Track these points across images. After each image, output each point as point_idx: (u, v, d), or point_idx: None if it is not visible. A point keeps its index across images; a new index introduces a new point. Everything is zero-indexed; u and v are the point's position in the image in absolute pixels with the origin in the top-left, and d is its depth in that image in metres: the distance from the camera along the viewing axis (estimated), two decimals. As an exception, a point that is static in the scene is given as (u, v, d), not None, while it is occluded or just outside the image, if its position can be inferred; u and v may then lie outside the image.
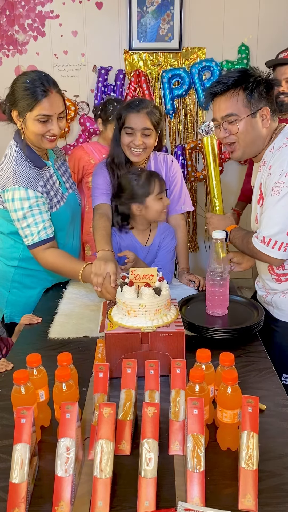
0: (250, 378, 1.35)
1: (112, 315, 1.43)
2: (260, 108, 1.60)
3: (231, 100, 1.60)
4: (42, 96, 1.71)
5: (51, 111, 1.73)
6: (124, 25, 3.24)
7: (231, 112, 1.60)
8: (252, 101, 1.59)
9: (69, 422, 0.97)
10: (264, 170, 1.63)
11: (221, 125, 1.64)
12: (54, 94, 1.75)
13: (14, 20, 3.22)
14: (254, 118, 1.60)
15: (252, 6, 3.24)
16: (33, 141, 1.81)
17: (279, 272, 1.69)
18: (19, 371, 1.09)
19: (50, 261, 1.84)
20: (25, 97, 1.72)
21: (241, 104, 1.59)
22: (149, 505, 0.91)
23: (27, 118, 1.75)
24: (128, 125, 1.94)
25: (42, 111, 1.72)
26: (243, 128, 1.61)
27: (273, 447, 1.09)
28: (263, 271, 1.77)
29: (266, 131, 1.63)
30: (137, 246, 2.01)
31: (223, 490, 0.98)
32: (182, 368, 1.20)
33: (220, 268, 1.62)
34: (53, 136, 1.79)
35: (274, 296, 1.74)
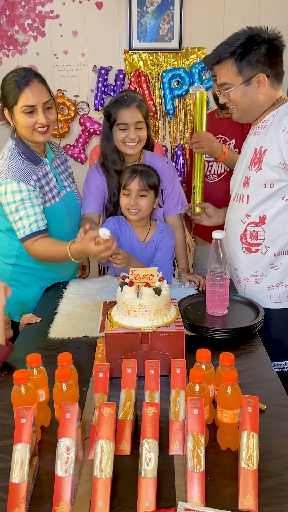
0: (250, 378, 1.35)
1: (112, 315, 1.43)
2: (255, 74, 1.62)
3: (224, 70, 1.65)
4: (24, 85, 1.74)
5: (34, 101, 1.75)
6: (124, 25, 3.24)
7: (225, 81, 1.66)
8: (243, 69, 1.62)
9: (69, 422, 0.97)
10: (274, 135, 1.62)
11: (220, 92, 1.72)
12: (35, 84, 1.77)
13: (14, 20, 3.22)
14: (249, 86, 1.64)
15: (252, 6, 3.23)
16: (25, 136, 1.82)
17: (251, 241, 1.73)
18: (19, 371, 1.09)
19: (40, 251, 1.82)
20: (10, 92, 1.76)
21: (232, 73, 1.63)
22: (149, 505, 0.91)
23: (15, 112, 1.78)
24: (121, 121, 1.95)
25: (25, 101, 1.75)
26: (235, 96, 1.66)
27: (273, 447, 1.09)
28: (234, 240, 1.78)
29: (263, 97, 1.66)
30: (135, 240, 2.02)
31: (223, 490, 0.98)
32: (182, 368, 1.20)
33: (220, 268, 1.62)
34: (43, 127, 1.79)
35: (247, 284, 1.76)
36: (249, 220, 1.74)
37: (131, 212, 1.95)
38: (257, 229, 1.73)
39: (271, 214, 1.69)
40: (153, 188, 1.95)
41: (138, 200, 1.92)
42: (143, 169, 1.95)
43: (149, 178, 1.93)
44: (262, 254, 1.74)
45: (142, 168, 1.96)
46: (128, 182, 1.92)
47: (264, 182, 1.66)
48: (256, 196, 1.70)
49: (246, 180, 1.74)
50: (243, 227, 1.76)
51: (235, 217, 1.80)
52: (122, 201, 1.97)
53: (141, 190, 1.92)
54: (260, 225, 1.72)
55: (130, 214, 1.96)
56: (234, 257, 1.83)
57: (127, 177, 1.94)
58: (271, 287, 1.75)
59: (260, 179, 1.67)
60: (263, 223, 1.71)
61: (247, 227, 1.74)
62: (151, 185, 1.93)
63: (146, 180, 1.92)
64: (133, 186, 1.91)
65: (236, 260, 1.82)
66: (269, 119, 1.68)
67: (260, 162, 1.67)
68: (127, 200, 1.94)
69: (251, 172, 1.71)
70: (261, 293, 1.76)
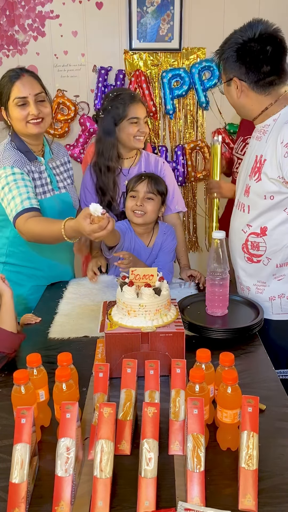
0: (250, 378, 1.35)
1: (112, 315, 1.43)
2: (231, 78, 1.63)
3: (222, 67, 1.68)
4: (15, 79, 1.78)
5: (25, 92, 1.78)
6: (124, 25, 3.24)
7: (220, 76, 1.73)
8: (225, 69, 1.64)
9: (69, 422, 0.97)
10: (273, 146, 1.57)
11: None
12: (26, 77, 1.81)
13: (14, 20, 3.22)
14: (229, 87, 1.66)
15: (252, 6, 3.23)
16: (20, 130, 1.84)
17: (253, 252, 1.71)
18: (19, 371, 1.09)
19: (32, 228, 1.71)
20: (3, 88, 1.80)
21: (222, 71, 1.68)
22: (149, 505, 0.91)
23: (9, 107, 1.81)
24: (135, 115, 2.04)
25: (17, 93, 1.78)
26: (226, 93, 1.71)
27: (273, 447, 1.09)
28: (237, 249, 1.77)
29: (245, 101, 1.64)
30: (141, 246, 2.01)
31: (223, 490, 0.98)
32: (182, 368, 1.20)
33: (220, 268, 1.62)
34: (36, 119, 1.81)
35: (249, 293, 1.75)
36: (250, 230, 1.69)
37: (137, 214, 1.92)
38: (258, 240, 1.68)
39: (272, 225, 1.64)
40: (161, 194, 1.95)
41: (144, 203, 1.92)
42: (151, 175, 1.98)
43: (158, 184, 1.95)
44: (264, 265, 1.70)
45: (151, 174, 1.99)
46: (136, 185, 1.92)
47: (264, 194, 1.62)
48: (256, 207, 1.66)
49: (247, 189, 1.70)
50: (245, 237, 1.72)
51: (237, 226, 1.76)
52: (128, 203, 1.96)
53: (149, 193, 1.92)
54: (261, 236, 1.67)
55: (136, 216, 1.93)
56: (237, 265, 1.80)
57: (134, 180, 1.94)
58: (273, 298, 1.72)
59: (260, 190, 1.63)
60: (264, 234, 1.67)
61: (248, 237, 1.70)
62: (159, 190, 1.94)
63: (155, 185, 1.93)
64: (141, 188, 1.92)
65: (239, 268, 1.79)
66: (270, 123, 1.62)
67: (260, 172, 1.62)
68: (133, 202, 1.93)
69: (251, 182, 1.67)
70: (263, 303, 1.72)
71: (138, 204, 1.91)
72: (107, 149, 2.06)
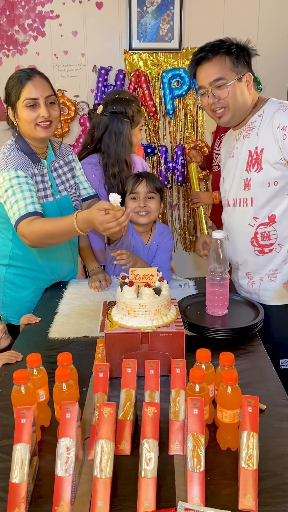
0: (250, 378, 1.35)
1: (112, 315, 1.43)
2: (245, 73, 1.65)
3: (219, 64, 1.63)
4: (26, 80, 1.75)
5: (37, 94, 1.75)
6: (124, 25, 3.24)
7: (219, 76, 1.63)
8: (238, 65, 1.63)
9: (69, 422, 0.97)
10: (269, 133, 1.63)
11: (209, 91, 1.66)
12: (37, 78, 1.78)
13: (14, 20, 3.22)
14: (240, 83, 1.65)
15: (252, 6, 3.23)
16: (27, 132, 1.81)
17: (264, 243, 1.73)
18: (19, 371, 1.09)
19: (38, 229, 1.67)
20: (12, 88, 1.77)
21: (228, 68, 1.63)
22: (149, 505, 0.91)
23: (17, 108, 1.77)
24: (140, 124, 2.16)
25: (27, 94, 1.75)
26: (232, 92, 1.64)
27: (273, 447, 1.09)
28: (244, 245, 1.77)
29: (249, 97, 1.68)
30: (140, 244, 2.03)
31: (223, 490, 0.98)
32: (182, 368, 1.20)
33: (220, 268, 1.62)
34: (46, 122, 1.78)
35: (261, 283, 1.75)
36: (258, 222, 1.73)
37: (141, 214, 1.95)
38: (268, 229, 1.72)
39: (279, 211, 1.69)
40: (159, 191, 1.97)
41: (147, 202, 1.94)
42: (147, 174, 1.99)
43: (155, 182, 1.96)
44: (276, 252, 1.74)
45: (146, 173, 2.00)
46: (135, 186, 1.93)
47: (268, 181, 1.66)
48: (260, 197, 1.70)
49: (247, 183, 1.72)
50: (253, 230, 1.74)
51: (240, 223, 1.78)
52: (130, 205, 1.96)
53: (149, 192, 1.94)
54: (270, 224, 1.71)
55: (140, 216, 1.95)
56: (246, 262, 1.81)
57: (132, 182, 1.95)
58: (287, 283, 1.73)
59: (263, 178, 1.67)
60: (273, 221, 1.70)
61: (257, 229, 1.73)
62: (158, 188, 1.96)
63: (153, 183, 1.95)
64: (141, 189, 1.93)
65: (248, 264, 1.80)
66: (256, 119, 1.69)
67: (259, 162, 1.66)
68: (135, 204, 1.94)
69: (251, 174, 1.70)
70: (277, 290, 1.75)
71: (142, 205, 1.93)
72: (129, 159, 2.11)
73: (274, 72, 3.33)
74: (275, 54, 3.31)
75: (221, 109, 1.68)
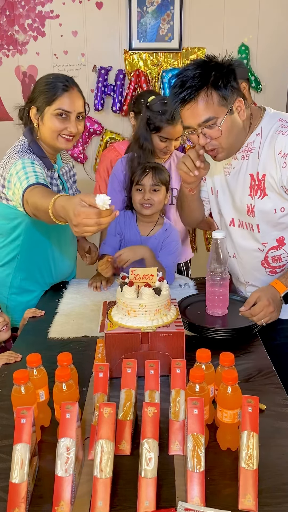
0: (250, 378, 1.35)
1: (112, 315, 1.43)
2: (234, 101, 1.46)
3: (205, 103, 1.43)
4: (63, 90, 1.71)
5: (71, 108, 1.72)
6: (124, 25, 3.24)
7: (209, 116, 1.44)
8: (226, 96, 1.43)
9: (69, 422, 0.97)
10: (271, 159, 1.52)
11: (199, 132, 1.48)
12: (75, 92, 1.75)
13: (14, 20, 3.22)
14: (232, 114, 1.47)
15: (252, 6, 3.23)
16: (48, 140, 1.78)
17: (275, 265, 1.68)
18: (19, 371, 1.09)
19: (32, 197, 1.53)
20: (45, 92, 1.72)
21: (216, 104, 1.43)
22: (149, 505, 0.91)
23: (45, 113, 1.73)
24: (166, 135, 2.13)
25: (61, 105, 1.71)
26: (225, 130, 1.46)
27: (273, 447, 1.09)
28: (254, 267, 1.73)
29: (244, 122, 1.54)
30: (136, 233, 2.05)
31: (223, 490, 0.98)
32: (182, 368, 1.20)
33: (220, 268, 1.62)
34: (70, 136, 1.76)
35: None
36: (267, 247, 1.66)
37: (145, 206, 1.98)
38: (279, 253, 1.66)
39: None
40: (165, 183, 2.00)
41: (151, 195, 1.97)
42: (154, 165, 2.00)
43: (161, 174, 1.98)
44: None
45: (153, 165, 2.01)
46: (141, 178, 1.96)
47: (274, 208, 1.57)
48: (267, 223, 1.62)
49: (250, 210, 1.63)
50: (263, 254, 1.68)
51: (248, 245, 1.71)
52: (135, 196, 1.99)
53: (154, 185, 1.96)
54: (280, 247, 1.65)
55: (144, 208, 1.98)
56: (256, 280, 1.75)
57: (139, 173, 1.98)
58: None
59: (268, 205, 1.58)
60: (283, 244, 1.64)
61: (267, 253, 1.67)
62: (163, 180, 1.99)
63: (159, 175, 1.97)
64: (146, 181, 1.96)
65: (259, 282, 1.74)
66: (255, 139, 1.56)
67: (262, 188, 1.57)
68: (140, 195, 1.98)
69: (255, 201, 1.60)
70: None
71: (146, 198, 1.96)
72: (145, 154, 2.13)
73: (274, 72, 3.34)
74: (275, 54, 3.31)
75: (214, 149, 1.52)
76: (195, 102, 1.44)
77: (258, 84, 3.33)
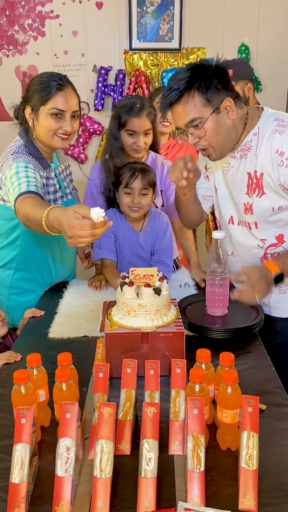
0: (250, 378, 1.35)
1: (112, 315, 1.43)
2: (222, 101, 1.50)
3: (189, 105, 1.49)
4: (57, 89, 1.71)
5: (65, 107, 1.73)
6: (124, 25, 3.24)
7: (193, 117, 1.49)
8: (210, 98, 1.48)
9: (69, 422, 0.97)
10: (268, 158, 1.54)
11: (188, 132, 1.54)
12: (69, 91, 1.75)
13: (14, 20, 3.22)
14: (219, 114, 1.50)
15: (252, 6, 3.24)
16: (43, 139, 1.78)
17: None
18: (19, 371, 1.09)
19: (24, 207, 1.54)
20: (40, 91, 1.72)
21: (200, 105, 1.48)
22: (149, 505, 0.91)
23: (40, 112, 1.73)
24: (131, 128, 2.05)
25: (56, 104, 1.71)
26: (210, 129, 1.50)
27: (273, 447, 1.09)
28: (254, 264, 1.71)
29: (235, 121, 1.55)
30: (130, 230, 2.06)
31: (223, 490, 0.98)
32: (182, 368, 1.20)
33: (220, 268, 1.62)
34: (65, 135, 1.76)
35: (272, 295, 1.74)
36: (266, 244, 1.67)
37: (134, 209, 1.98)
38: (279, 250, 1.66)
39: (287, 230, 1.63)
40: (152, 185, 2.00)
41: (140, 198, 1.97)
42: (142, 167, 1.99)
43: (149, 176, 1.98)
44: None
45: (141, 166, 1.99)
46: (130, 182, 1.95)
47: (272, 206, 1.59)
48: (265, 220, 1.63)
49: (248, 208, 1.65)
50: (262, 251, 1.69)
51: (248, 243, 1.72)
52: (123, 199, 1.98)
53: (143, 189, 1.96)
54: (280, 244, 1.66)
55: (133, 211, 1.98)
56: None
57: (128, 176, 1.96)
58: None
59: (266, 204, 1.59)
60: (282, 241, 1.65)
61: (266, 250, 1.68)
62: (151, 182, 1.98)
63: (147, 178, 1.97)
64: (136, 185, 1.95)
65: None
66: (252, 138, 1.59)
67: (260, 187, 1.59)
68: (129, 199, 1.97)
69: (253, 199, 1.62)
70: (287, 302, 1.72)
71: (135, 202, 1.96)
72: (116, 153, 2.10)
73: (274, 72, 3.34)
74: (275, 54, 3.31)
75: (204, 149, 1.56)
76: (179, 104, 1.50)
77: (258, 84, 3.33)
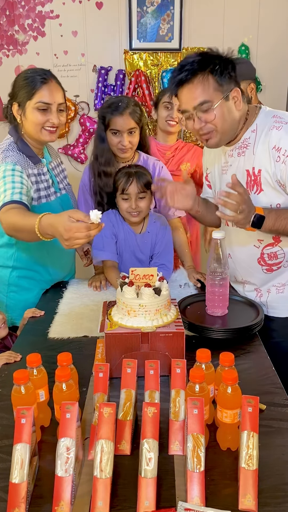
0: (250, 378, 1.35)
1: (112, 315, 1.43)
2: (231, 89, 1.50)
3: (201, 86, 1.47)
4: (41, 83, 1.73)
5: (51, 100, 1.74)
6: (124, 25, 3.24)
7: (204, 99, 1.47)
8: (223, 83, 1.48)
9: (69, 422, 0.97)
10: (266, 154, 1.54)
11: (194, 115, 1.52)
12: (54, 84, 1.77)
13: (14, 20, 3.22)
14: (227, 102, 1.50)
15: (252, 6, 3.23)
16: (32, 134, 1.80)
17: (271, 262, 1.69)
18: (19, 371, 1.09)
19: (9, 218, 1.58)
20: (25, 86, 1.74)
21: (212, 89, 1.47)
22: (149, 505, 0.91)
23: (27, 107, 1.75)
24: (114, 127, 2.04)
25: (41, 98, 1.73)
26: (219, 114, 1.49)
27: (273, 447, 1.09)
28: (251, 265, 1.74)
29: (239, 114, 1.56)
30: (130, 233, 2.05)
31: (223, 490, 0.98)
32: (182, 368, 1.20)
33: (220, 268, 1.62)
34: (53, 128, 1.78)
35: (269, 295, 1.74)
36: (263, 244, 1.67)
37: (133, 214, 1.97)
38: (275, 250, 1.67)
39: None
40: (149, 187, 1.97)
41: (138, 203, 1.95)
42: (137, 170, 1.97)
43: (144, 179, 1.96)
44: (284, 268, 1.69)
45: (136, 169, 1.98)
46: (126, 187, 1.93)
47: (270, 203, 1.58)
48: None
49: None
50: (259, 251, 1.69)
51: (245, 243, 1.72)
52: (121, 205, 1.97)
53: (140, 193, 1.94)
54: (276, 244, 1.66)
55: (132, 216, 1.97)
56: (253, 277, 1.76)
57: (123, 181, 1.94)
58: None
59: (264, 201, 1.59)
60: (279, 241, 1.65)
61: (263, 250, 1.69)
62: (147, 185, 1.96)
63: (143, 181, 1.94)
64: (132, 190, 1.93)
65: (256, 279, 1.76)
66: (250, 135, 1.59)
67: (258, 183, 1.59)
68: (127, 204, 1.96)
69: (251, 196, 1.59)
70: (285, 301, 1.72)
71: (134, 207, 1.94)
72: (102, 154, 2.09)
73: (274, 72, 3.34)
74: (275, 54, 3.31)
75: (208, 133, 1.55)
76: (191, 84, 1.48)
77: (259, 84, 3.32)
